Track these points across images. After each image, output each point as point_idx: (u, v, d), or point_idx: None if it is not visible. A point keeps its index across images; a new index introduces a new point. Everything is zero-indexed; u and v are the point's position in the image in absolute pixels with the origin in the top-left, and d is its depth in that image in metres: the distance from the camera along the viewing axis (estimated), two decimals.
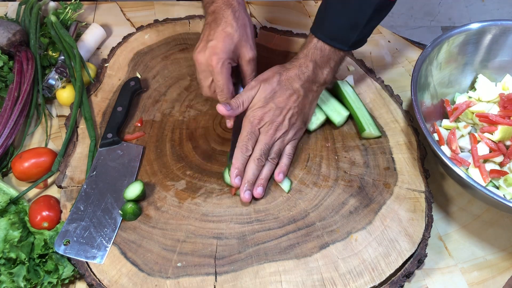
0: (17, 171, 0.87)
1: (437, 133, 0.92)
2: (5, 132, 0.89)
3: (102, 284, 0.74)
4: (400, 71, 1.10)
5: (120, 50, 1.06)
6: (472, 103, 0.94)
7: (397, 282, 0.75)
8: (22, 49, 1.01)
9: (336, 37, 0.84)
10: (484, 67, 0.99)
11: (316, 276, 0.75)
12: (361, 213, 0.82)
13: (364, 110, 0.94)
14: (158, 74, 1.02)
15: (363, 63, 1.05)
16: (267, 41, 1.09)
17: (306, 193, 0.85)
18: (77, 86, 0.96)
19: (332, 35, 0.84)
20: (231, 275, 0.75)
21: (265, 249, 0.78)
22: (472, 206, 0.89)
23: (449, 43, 0.94)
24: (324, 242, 0.79)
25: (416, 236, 0.79)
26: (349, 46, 0.86)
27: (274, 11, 1.22)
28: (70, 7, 1.13)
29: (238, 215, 0.82)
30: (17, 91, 0.94)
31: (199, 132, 0.94)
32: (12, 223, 0.78)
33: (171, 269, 0.75)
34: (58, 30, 1.04)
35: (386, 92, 0.99)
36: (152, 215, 0.82)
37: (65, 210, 0.82)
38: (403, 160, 0.89)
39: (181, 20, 1.12)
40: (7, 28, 1.01)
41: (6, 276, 0.73)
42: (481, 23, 0.95)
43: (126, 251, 0.77)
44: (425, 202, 0.83)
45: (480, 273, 0.81)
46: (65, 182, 0.86)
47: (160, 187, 0.85)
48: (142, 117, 0.95)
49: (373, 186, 0.86)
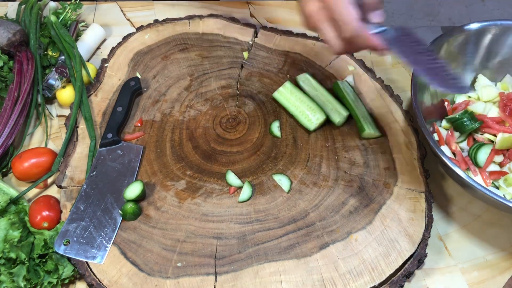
0: (17, 171, 0.87)
1: (437, 133, 0.92)
2: (5, 132, 0.89)
3: (102, 284, 0.74)
4: (400, 71, 1.10)
5: (120, 50, 1.06)
6: (470, 102, 0.94)
7: (397, 282, 0.75)
8: (22, 49, 1.01)
9: None
10: (484, 67, 0.99)
11: (316, 276, 0.75)
12: (361, 213, 0.82)
13: (364, 110, 0.94)
14: (158, 74, 1.02)
15: (363, 63, 1.05)
16: (267, 41, 1.09)
17: (306, 193, 0.85)
18: (77, 86, 0.96)
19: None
20: (231, 275, 0.75)
21: (265, 249, 0.78)
22: (472, 206, 0.89)
23: (449, 43, 0.94)
24: (324, 242, 0.79)
25: (416, 236, 0.79)
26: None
27: (274, 11, 1.22)
28: (70, 7, 1.13)
29: (238, 215, 0.82)
30: (17, 91, 0.94)
31: (199, 132, 0.94)
32: (12, 223, 0.78)
33: (171, 269, 0.75)
34: (58, 30, 1.04)
35: (386, 92, 0.99)
36: (152, 215, 0.82)
37: (65, 210, 0.82)
38: (403, 160, 0.89)
39: (181, 20, 1.12)
40: (7, 28, 1.01)
41: (6, 276, 0.73)
42: (481, 23, 0.95)
43: (126, 251, 0.77)
44: (425, 202, 0.83)
45: (480, 273, 0.81)
46: (65, 182, 0.86)
47: (160, 187, 0.85)
48: (142, 117, 0.95)
49: (373, 186, 0.86)
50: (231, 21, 1.12)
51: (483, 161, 0.86)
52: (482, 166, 0.86)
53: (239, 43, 1.08)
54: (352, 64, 1.04)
